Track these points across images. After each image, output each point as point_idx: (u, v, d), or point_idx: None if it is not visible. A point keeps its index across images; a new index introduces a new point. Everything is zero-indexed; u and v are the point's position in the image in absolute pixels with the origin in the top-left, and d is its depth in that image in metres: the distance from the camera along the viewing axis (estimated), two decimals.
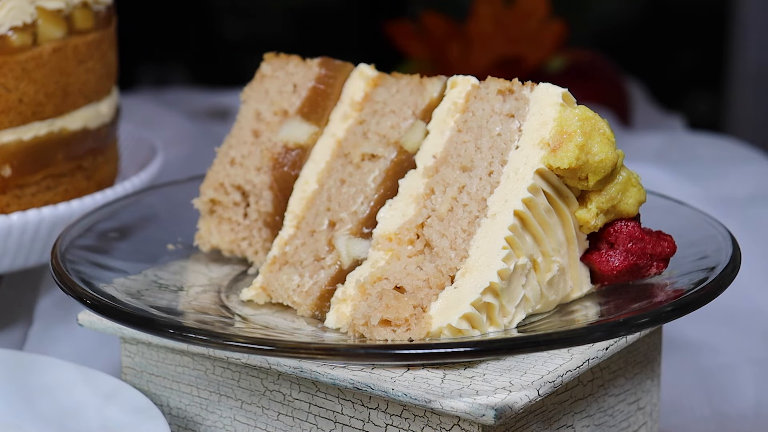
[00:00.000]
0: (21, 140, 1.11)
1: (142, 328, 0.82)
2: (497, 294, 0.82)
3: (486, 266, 0.82)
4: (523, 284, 0.84)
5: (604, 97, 1.82)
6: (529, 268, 0.84)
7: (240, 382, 0.87)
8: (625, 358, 0.89)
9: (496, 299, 0.82)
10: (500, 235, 0.83)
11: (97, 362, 1.06)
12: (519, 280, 0.84)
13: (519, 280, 0.84)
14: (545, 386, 0.78)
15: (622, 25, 2.75)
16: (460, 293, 0.82)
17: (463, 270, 0.83)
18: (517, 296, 0.84)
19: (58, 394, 0.91)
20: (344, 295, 0.87)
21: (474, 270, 0.83)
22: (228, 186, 0.99)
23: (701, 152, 1.63)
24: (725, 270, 0.85)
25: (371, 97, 0.96)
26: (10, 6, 1.09)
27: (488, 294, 0.82)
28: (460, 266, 0.84)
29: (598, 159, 0.84)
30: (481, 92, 0.90)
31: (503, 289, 0.82)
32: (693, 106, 2.69)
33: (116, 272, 0.94)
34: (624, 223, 0.87)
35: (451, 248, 0.85)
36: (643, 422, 0.92)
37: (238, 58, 2.57)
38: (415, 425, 0.79)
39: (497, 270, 0.82)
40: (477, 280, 0.82)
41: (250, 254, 0.98)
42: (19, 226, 1.08)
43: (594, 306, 0.86)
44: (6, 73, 1.09)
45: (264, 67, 1.00)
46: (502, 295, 0.82)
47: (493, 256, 0.83)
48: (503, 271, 0.82)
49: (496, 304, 0.82)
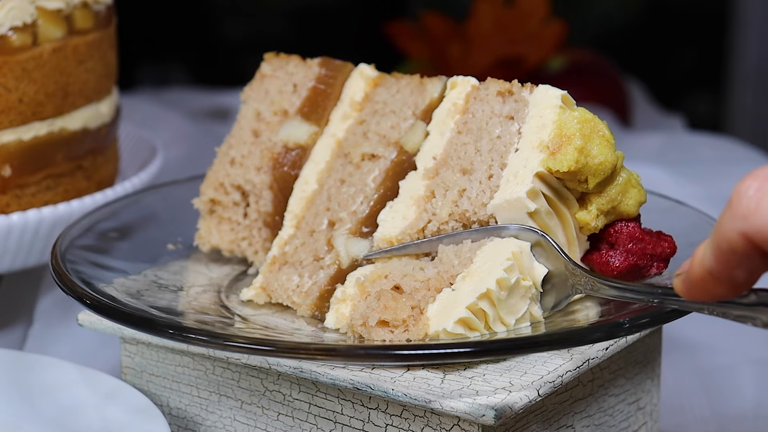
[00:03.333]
0: (21, 140, 1.11)
1: (142, 328, 0.82)
2: (493, 303, 0.82)
3: (487, 273, 0.82)
4: (528, 305, 0.83)
5: (604, 97, 1.82)
6: (534, 293, 0.84)
7: (240, 382, 0.87)
8: (625, 358, 0.89)
9: (492, 308, 0.82)
10: (506, 246, 0.83)
11: (97, 362, 1.06)
12: (523, 298, 0.83)
13: (523, 299, 0.83)
14: (545, 386, 0.78)
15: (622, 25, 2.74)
16: (457, 296, 0.82)
17: (465, 274, 0.83)
18: (518, 311, 0.83)
19: (58, 394, 0.91)
20: (344, 295, 0.87)
21: (475, 275, 0.82)
22: (228, 186, 0.99)
23: (701, 152, 1.63)
24: None
25: (371, 97, 0.96)
26: (10, 6, 1.09)
27: (484, 300, 0.81)
28: (462, 271, 0.84)
29: (597, 161, 0.84)
30: (480, 93, 0.90)
31: (501, 300, 0.82)
32: (693, 106, 2.69)
33: (116, 272, 0.94)
34: (624, 224, 0.87)
35: (455, 255, 0.85)
36: (643, 422, 0.92)
37: (238, 58, 2.57)
38: (415, 425, 0.79)
39: (497, 278, 0.82)
40: (475, 284, 0.82)
41: (250, 254, 0.98)
42: (19, 226, 1.08)
43: (594, 306, 0.86)
44: (6, 73, 1.09)
45: (264, 67, 1.00)
46: (500, 306, 0.82)
47: (496, 265, 0.82)
48: (502, 281, 0.82)
49: (491, 314, 0.82)
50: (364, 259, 0.89)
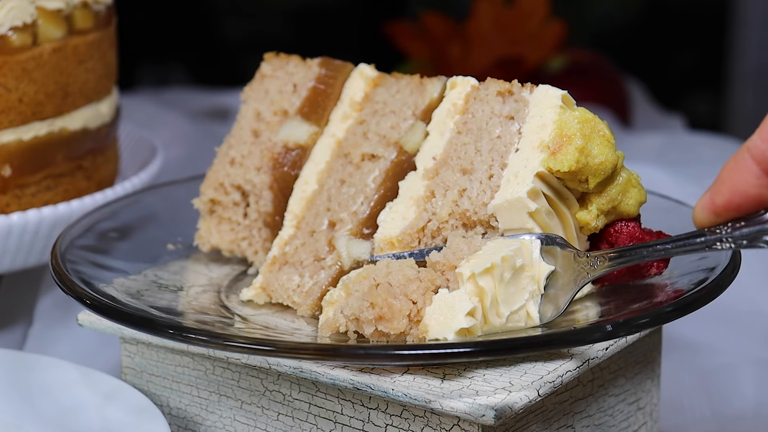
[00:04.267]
0: (21, 140, 1.11)
1: (142, 328, 0.82)
2: (495, 281, 0.81)
3: (493, 252, 0.81)
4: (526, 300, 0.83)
5: (604, 97, 1.82)
6: (534, 289, 0.84)
7: (240, 382, 0.87)
8: (625, 358, 0.89)
9: (493, 287, 0.80)
10: (516, 239, 0.83)
11: (97, 362, 1.06)
12: (523, 291, 0.83)
13: (523, 291, 0.83)
14: (545, 386, 0.78)
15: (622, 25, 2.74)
16: (454, 299, 0.81)
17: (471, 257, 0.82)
18: (515, 302, 0.82)
19: (58, 394, 0.91)
20: (331, 297, 0.86)
21: (480, 256, 0.82)
22: (228, 186, 0.99)
23: (701, 152, 1.63)
24: (725, 270, 0.85)
25: (371, 97, 0.96)
26: (10, 6, 1.09)
27: (487, 276, 0.80)
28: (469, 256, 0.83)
29: (598, 161, 0.84)
30: (480, 93, 0.90)
31: (502, 282, 0.80)
32: (693, 106, 2.69)
33: (116, 272, 0.94)
34: (624, 224, 0.87)
35: (465, 243, 0.84)
36: (643, 422, 0.92)
37: (238, 58, 2.57)
38: (415, 425, 0.79)
39: (503, 255, 0.80)
40: (479, 263, 0.81)
41: (250, 254, 0.98)
42: (19, 226, 1.08)
43: (594, 306, 0.86)
44: (6, 73, 1.09)
45: (264, 67, 1.00)
46: (500, 289, 0.81)
47: (503, 247, 0.82)
48: (508, 258, 0.81)
49: (490, 295, 0.80)
50: (369, 261, 0.89)
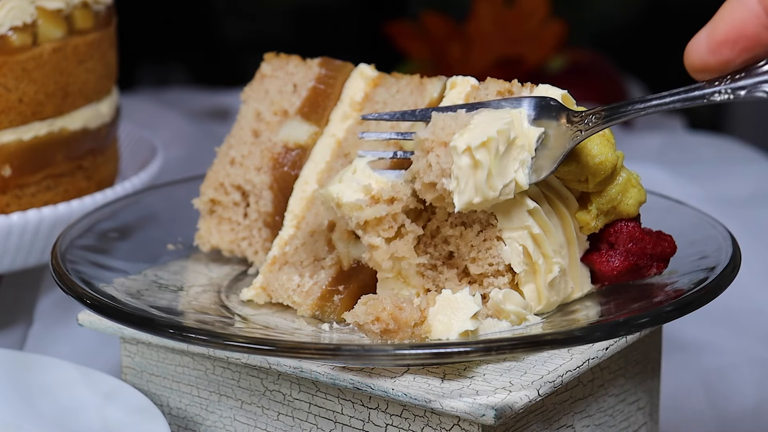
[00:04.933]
0: (21, 140, 1.11)
1: (142, 328, 0.82)
2: (490, 154, 0.80)
3: (487, 125, 0.81)
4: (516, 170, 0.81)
5: (604, 97, 1.82)
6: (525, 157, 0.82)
7: (240, 382, 0.87)
8: (625, 358, 0.89)
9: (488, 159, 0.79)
10: (504, 111, 0.82)
11: (97, 362, 1.06)
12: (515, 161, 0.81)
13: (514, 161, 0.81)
14: (545, 386, 0.78)
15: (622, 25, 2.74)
16: (458, 301, 0.81)
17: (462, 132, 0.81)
18: (507, 175, 0.81)
19: (58, 394, 0.91)
20: None
21: (473, 130, 0.81)
22: (228, 186, 0.99)
23: (701, 152, 1.63)
24: (725, 270, 0.85)
25: (371, 97, 0.96)
26: (10, 6, 1.09)
27: (483, 150, 0.80)
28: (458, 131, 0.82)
29: (597, 161, 0.84)
30: (480, 93, 0.90)
31: (498, 154, 0.80)
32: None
33: (116, 272, 0.94)
34: (624, 224, 0.87)
35: (452, 118, 0.84)
36: (643, 422, 0.92)
37: (238, 58, 2.57)
38: (415, 425, 0.79)
39: (498, 128, 0.80)
40: (467, 158, 0.81)
41: (250, 254, 0.98)
42: (19, 226, 1.08)
43: (594, 306, 0.86)
44: (6, 73, 1.09)
45: (264, 67, 1.00)
46: (494, 162, 0.80)
47: (496, 120, 0.81)
48: (503, 131, 0.80)
49: (486, 167, 0.80)
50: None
